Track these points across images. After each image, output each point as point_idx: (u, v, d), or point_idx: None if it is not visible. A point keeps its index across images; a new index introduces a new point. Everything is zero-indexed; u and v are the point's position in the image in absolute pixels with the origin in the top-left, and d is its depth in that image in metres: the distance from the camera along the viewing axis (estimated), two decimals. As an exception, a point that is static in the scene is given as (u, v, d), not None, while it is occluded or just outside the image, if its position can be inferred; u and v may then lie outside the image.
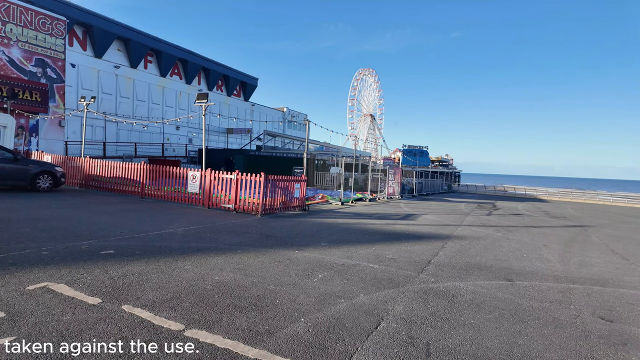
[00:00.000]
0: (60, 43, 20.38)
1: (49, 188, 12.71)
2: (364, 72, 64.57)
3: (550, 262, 7.00)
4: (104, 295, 3.74)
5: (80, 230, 6.83)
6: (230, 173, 11.36)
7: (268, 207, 11.14)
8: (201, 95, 13.14)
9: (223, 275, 4.69)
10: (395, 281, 5.03)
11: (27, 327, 2.94)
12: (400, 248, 7.33)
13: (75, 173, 14.97)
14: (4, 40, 18.10)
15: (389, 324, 3.58)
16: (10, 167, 11.97)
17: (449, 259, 6.68)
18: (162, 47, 32.76)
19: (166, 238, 6.69)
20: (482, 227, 11.55)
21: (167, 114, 33.05)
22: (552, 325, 3.84)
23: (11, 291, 3.66)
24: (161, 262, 5.08)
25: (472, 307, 4.20)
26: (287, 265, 5.43)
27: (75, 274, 4.33)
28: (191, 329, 3.15)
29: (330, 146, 37.16)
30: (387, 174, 21.87)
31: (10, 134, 16.09)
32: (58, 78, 20.47)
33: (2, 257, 4.75)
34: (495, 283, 5.31)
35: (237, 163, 25.37)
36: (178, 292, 3.98)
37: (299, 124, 51.91)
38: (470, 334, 3.46)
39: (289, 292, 4.28)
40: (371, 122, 67.78)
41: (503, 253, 7.58)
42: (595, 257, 7.93)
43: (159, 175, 12.82)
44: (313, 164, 24.81)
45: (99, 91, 27.68)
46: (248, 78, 44.57)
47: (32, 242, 5.66)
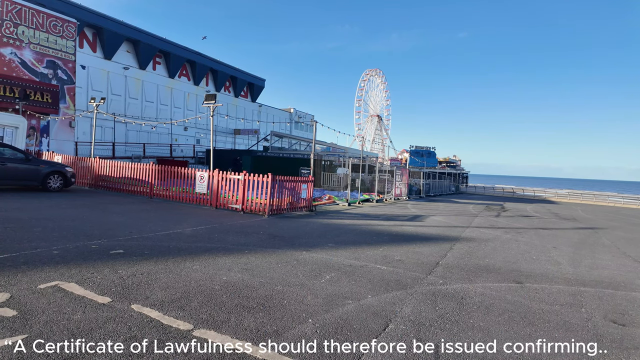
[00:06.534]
0: (71, 45, 20.65)
1: (60, 188, 12.88)
2: (371, 72, 64.45)
3: (560, 265, 6.91)
4: (113, 295, 3.77)
5: (90, 229, 6.91)
6: (238, 174, 11.40)
7: (275, 208, 11.16)
8: (209, 96, 13.22)
9: (231, 276, 4.70)
10: (403, 283, 5.00)
11: (38, 326, 2.98)
12: (408, 249, 7.29)
13: (85, 173, 15.15)
14: (16, 42, 18.39)
15: (397, 325, 3.56)
16: (22, 167, 12.14)
17: (457, 260, 6.62)
18: (171, 48, 33.05)
19: (174, 238, 6.74)
20: (491, 229, 11.45)
21: (175, 115, 33.33)
22: (562, 329, 3.79)
23: (23, 290, 3.71)
24: (170, 262, 5.11)
25: (481, 310, 4.16)
26: (294, 266, 5.44)
27: (85, 273, 4.37)
28: (200, 328, 3.16)
29: (337, 147, 37.17)
30: (394, 174, 21.78)
31: (22, 135, 16.34)
32: (68, 79, 20.75)
33: (14, 256, 4.82)
34: (505, 285, 5.26)
35: (245, 164, 25.48)
36: (186, 292, 4.00)
37: (306, 125, 51.98)
38: (480, 337, 3.43)
39: (297, 292, 4.27)
40: (378, 123, 67.63)
41: (512, 255, 7.50)
42: (606, 259, 7.81)
43: (167, 176, 12.92)
44: (320, 164, 24.82)
45: (108, 92, 28.02)
46: (255, 79, 44.76)
47: (43, 241, 5.74)
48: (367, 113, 65.37)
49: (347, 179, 18.89)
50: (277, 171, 12.03)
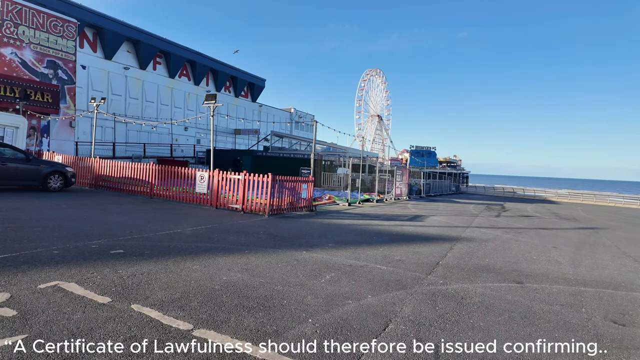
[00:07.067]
0: (71, 45, 20.66)
1: (60, 188, 12.88)
2: (371, 72, 64.45)
3: (560, 265, 6.91)
4: (113, 295, 3.78)
5: (91, 229, 6.91)
6: (238, 174, 11.40)
7: (275, 208, 11.16)
8: (209, 96, 13.22)
9: (231, 276, 4.70)
10: (403, 283, 5.00)
11: (38, 326, 2.98)
12: (408, 249, 7.29)
13: (85, 173, 15.15)
14: (17, 42, 18.40)
15: (397, 325, 3.56)
16: (23, 167, 12.15)
17: (457, 260, 6.62)
18: (171, 48, 33.06)
19: (175, 238, 6.74)
20: (491, 229, 11.44)
21: (175, 115, 33.34)
22: (563, 329, 3.79)
23: (23, 289, 3.71)
24: (170, 262, 5.11)
25: (481, 310, 4.16)
26: (294, 265, 5.44)
27: (85, 273, 4.37)
28: (199, 328, 3.16)
29: (338, 147, 37.16)
30: (394, 174, 21.78)
31: (22, 135, 16.35)
32: (69, 79, 20.75)
33: (14, 256, 4.82)
34: (505, 285, 5.25)
35: (245, 164, 25.49)
36: (186, 292, 4.00)
37: (306, 125, 51.98)
38: (480, 337, 3.42)
39: (297, 292, 4.27)
40: (378, 123, 67.62)
41: (512, 255, 7.50)
42: (607, 259, 7.80)
43: (168, 176, 12.92)
44: (320, 164, 24.82)
45: (108, 92, 28.03)
46: (255, 79, 44.76)
47: (43, 241, 5.74)
48: (368, 113, 65.39)
49: (347, 179, 18.90)
50: (278, 171, 12.02)
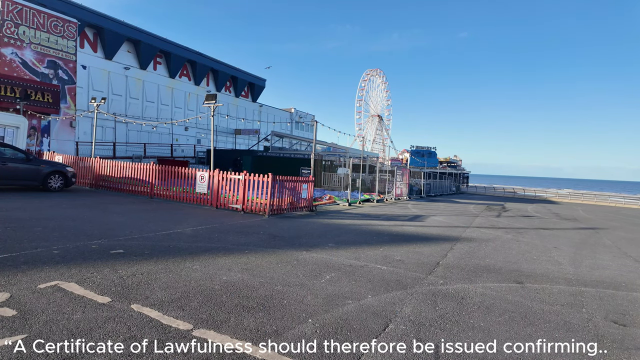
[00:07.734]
0: (72, 45, 20.66)
1: (60, 188, 12.88)
2: (371, 72, 64.41)
3: (561, 265, 6.90)
4: (113, 294, 3.77)
5: (91, 229, 6.91)
6: (238, 174, 11.40)
7: (275, 208, 11.16)
8: (210, 96, 13.22)
9: (231, 276, 4.70)
10: (404, 283, 5.00)
11: (38, 326, 2.98)
12: (409, 249, 7.29)
13: (85, 173, 15.16)
14: (17, 42, 18.41)
15: (397, 325, 3.55)
16: (23, 167, 12.16)
17: (457, 260, 6.62)
18: (171, 48, 33.06)
19: (175, 238, 6.74)
20: (492, 229, 11.43)
21: (176, 115, 33.34)
22: (563, 329, 3.78)
23: (23, 289, 3.71)
24: (170, 262, 5.11)
25: (481, 310, 4.16)
26: (294, 266, 5.43)
27: (85, 273, 4.37)
28: (199, 328, 3.16)
29: (338, 147, 37.16)
30: (394, 174, 21.77)
31: (22, 135, 16.36)
32: (69, 79, 20.76)
33: (14, 256, 4.82)
34: (505, 285, 5.25)
35: (245, 164, 25.49)
36: (186, 292, 4.00)
37: (306, 125, 51.97)
38: (480, 337, 3.42)
39: (297, 292, 4.27)
40: (379, 123, 67.57)
41: (513, 255, 7.49)
42: (607, 259, 7.79)
43: (168, 176, 12.92)
44: (320, 164, 24.82)
45: (109, 92, 28.03)
46: (256, 79, 44.76)
47: (43, 241, 5.74)
48: (368, 113, 65.33)
49: (347, 179, 18.89)
50: (278, 171, 12.02)
